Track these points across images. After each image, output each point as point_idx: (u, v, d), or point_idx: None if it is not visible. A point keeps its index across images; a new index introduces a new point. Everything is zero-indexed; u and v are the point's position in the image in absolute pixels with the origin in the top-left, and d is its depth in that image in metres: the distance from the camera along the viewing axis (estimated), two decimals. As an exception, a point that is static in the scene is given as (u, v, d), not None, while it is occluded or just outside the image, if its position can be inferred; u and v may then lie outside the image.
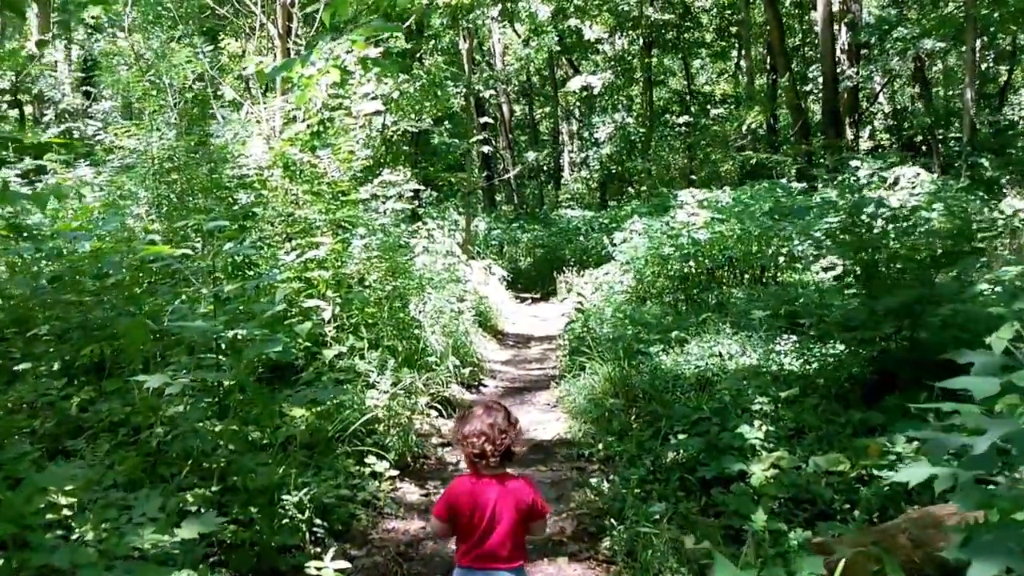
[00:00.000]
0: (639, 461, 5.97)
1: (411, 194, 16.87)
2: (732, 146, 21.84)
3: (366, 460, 5.90)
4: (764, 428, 5.66)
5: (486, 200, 31.79)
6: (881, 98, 30.94)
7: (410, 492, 6.00)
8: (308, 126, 8.30)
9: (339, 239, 7.13)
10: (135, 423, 5.18)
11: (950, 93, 29.34)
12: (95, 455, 5.07)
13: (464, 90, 19.29)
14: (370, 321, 7.71)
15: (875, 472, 5.07)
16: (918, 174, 15.42)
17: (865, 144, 28.20)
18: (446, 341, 8.92)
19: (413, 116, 18.00)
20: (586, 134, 29.64)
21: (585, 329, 9.83)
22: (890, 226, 8.08)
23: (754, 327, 9.52)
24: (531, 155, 28.70)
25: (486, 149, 16.77)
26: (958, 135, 23.88)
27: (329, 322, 6.56)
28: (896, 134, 29.88)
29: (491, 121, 20.33)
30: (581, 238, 22.17)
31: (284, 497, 4.70)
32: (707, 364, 8.04)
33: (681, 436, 5.97)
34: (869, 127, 30.33)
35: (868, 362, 6.85)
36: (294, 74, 4.74)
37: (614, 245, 16.33)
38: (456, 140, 17.57)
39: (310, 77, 4.99)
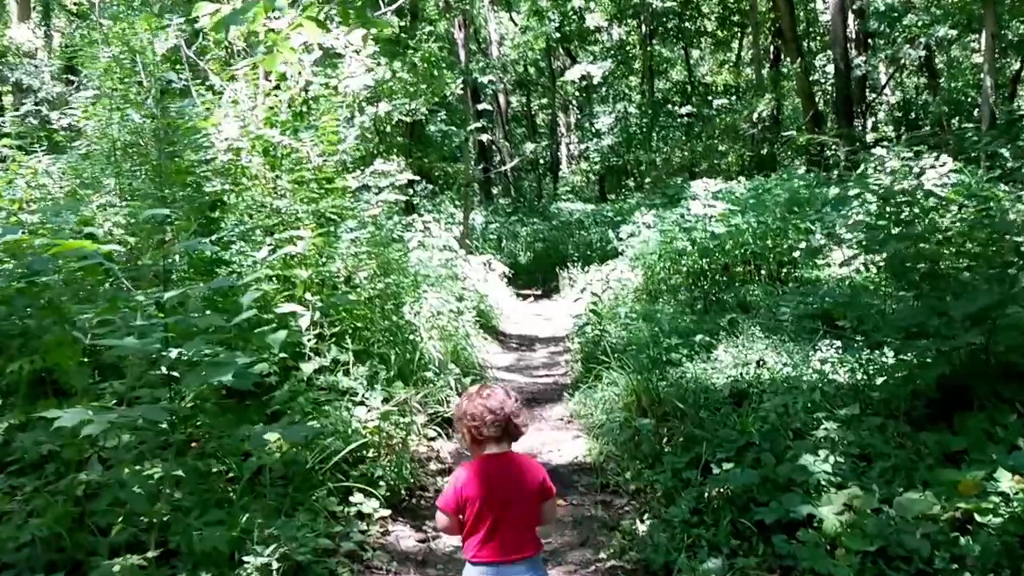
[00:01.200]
0: (678, 496, 5.01)
1: (405, 185, 15.92)
2: (744, 136, 20.85)
3: (351, 498, 4.92)
4: (831, 458, 4.69)
5: (483, 193, 30.82)
6: (885, 89, 30.08)
7: (404, 535, 5.02)
8: (290, 101, 7.34)
9: (319, 232, 6.11)
10: (68, 458, 4.22)
11: (957, 84, 28.58)
12: (15, 499, 4.13)
13: (460, 78, 18.27)
14: (358, 325, 6.74)
15: (977, 517, 4.13)
16: (944, 164, 14.51)
17: (870, 135, 27.38)
18: (444, 347, 7.96)
19: (408, 101, 17.03)
20: (587, 124, 28.64)
21: (600, 332, 8.86)
22: (939, 218, 7.18)
23: (786, 330, 8.60)
24: (529, 147, 27.71)
25: (484, 137, 15.80)
26: (968, 125, 23.02)
27: (309, 329, 5.56)
28: (903, 124, 29.01)
29: (489, 108, 19.34)
30: (583, 232, 21.18)
31: (246, 559, 3.73)
32: (741, 374, 7.10)
33: (727, 466, 5.01)
34: (873, 118, 29.45)
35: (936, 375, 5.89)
36: (256, 24, 3.77)
37: (621, 239, 15.39)
38: (453, 128, 16.55)
39: (278, 32, 4.02)
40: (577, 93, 32.12)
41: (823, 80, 26.67)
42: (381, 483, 5.27)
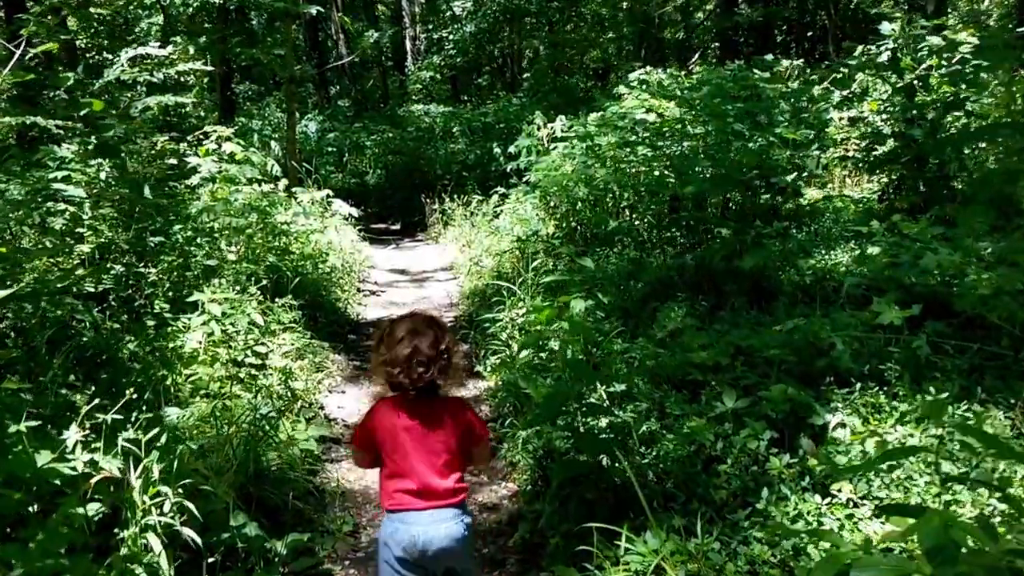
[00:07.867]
0: None
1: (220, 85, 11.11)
2: (653, 18, 16.42)
3: None
4: None
5: (320, 95, 25.26)
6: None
7: None
8: None
9: None
10: None
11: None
12: None
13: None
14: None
15: None
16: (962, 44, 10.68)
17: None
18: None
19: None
20: (443, 7, 23.37)
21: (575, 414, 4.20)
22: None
23: (932, 363, 4.38)
24: (373, 34, 22.40)
25: (313, 10, 10.83)
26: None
27: None
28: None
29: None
30: (452, 144, 16.33)
31: None
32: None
33: None
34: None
35: None
36: None
37: (511, 157, 10.89)
38: (278, 3, 11.32)
39: None
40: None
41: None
42: None
